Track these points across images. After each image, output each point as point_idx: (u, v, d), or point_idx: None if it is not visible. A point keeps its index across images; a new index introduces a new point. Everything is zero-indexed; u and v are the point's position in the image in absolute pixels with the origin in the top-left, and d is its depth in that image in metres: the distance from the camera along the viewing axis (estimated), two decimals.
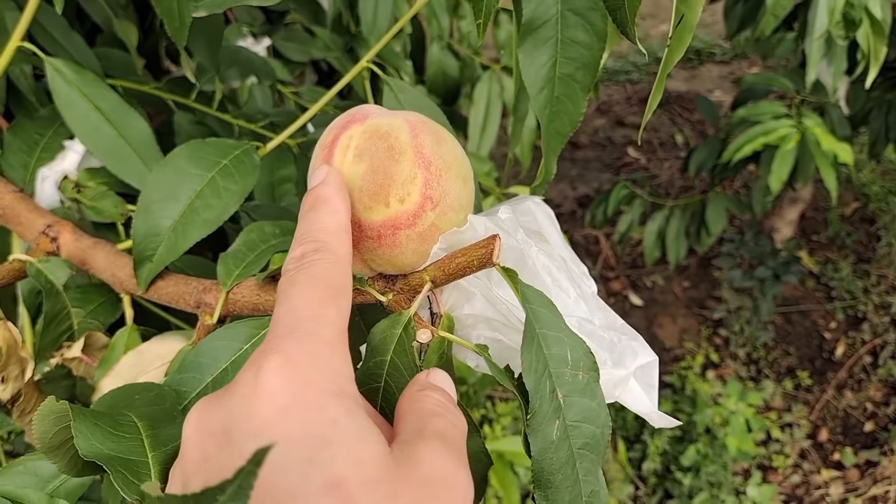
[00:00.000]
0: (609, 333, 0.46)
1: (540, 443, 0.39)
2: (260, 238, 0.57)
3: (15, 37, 0.71)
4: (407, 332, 0.42)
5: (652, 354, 0.46)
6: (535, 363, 0.39)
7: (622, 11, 0.47)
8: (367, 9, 1.30)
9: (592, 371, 0.41)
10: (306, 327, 0.34)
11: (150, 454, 0.35)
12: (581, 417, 0.40)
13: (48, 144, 0.77)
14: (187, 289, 0.57)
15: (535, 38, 0.52)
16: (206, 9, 0.58)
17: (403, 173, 0.41)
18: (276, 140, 0.65)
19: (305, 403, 0.31)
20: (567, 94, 0.53)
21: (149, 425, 0.37)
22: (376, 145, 0.42)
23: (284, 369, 0.31)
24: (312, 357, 0.33)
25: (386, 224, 0.42)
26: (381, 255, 0.43)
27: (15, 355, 0.63)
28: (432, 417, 0.36)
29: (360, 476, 0.29)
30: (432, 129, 0.44)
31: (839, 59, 1.80)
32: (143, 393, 0.42)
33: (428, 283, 0.43)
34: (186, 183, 0.58)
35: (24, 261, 0.63)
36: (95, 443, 0.34)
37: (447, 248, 0.43)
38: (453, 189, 0.43)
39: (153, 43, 1.18)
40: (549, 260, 0.46)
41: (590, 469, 0.41)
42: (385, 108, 0.46)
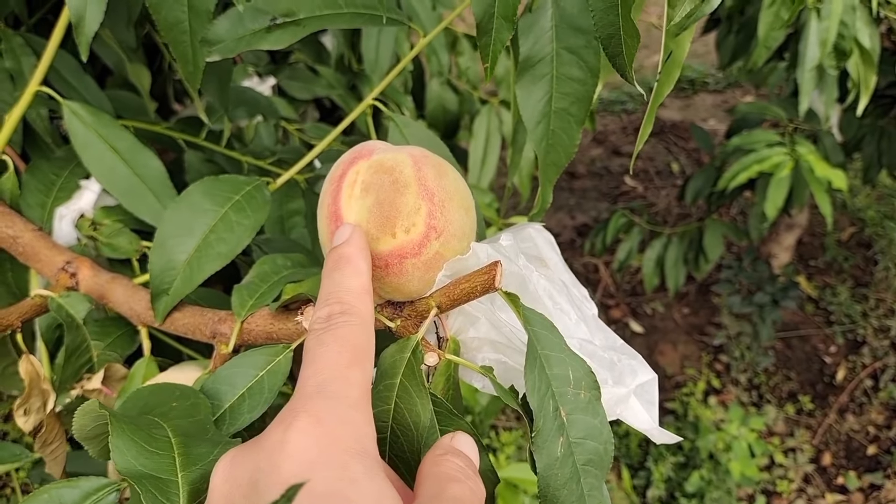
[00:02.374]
0: (609, 353, 0.48)
1: (545, 460, 0.41)
2: (272, 270, 0.60)
3: (34, 81, 0.75)
4: (415, 355, 0.44)
5: (651, 373, 0.48)
6: (538, 383, 0.41)
7: (621, 58, 0.49)
8: (370, 47, 1.34)
9: (594, 390, 0.43)
10: (333, 388, 0.36)
11: (181, 473, 0.37)
12: (584, 434, 0.42)
13: (65, 184, 0.80)
14: (203, 320, 0.59)
15: (531, 75, 0.55)
16: (219, 53, 0.61)
17: (408, 205, 0.44)
18: (285, 176, 0.68)
19: (329, 461, 0.32)
20: (562, 127, 0.56)
21: (182, 442, 0.39)
22: (382, 179, 0.44)
23: (312, 428, 0.33)
24: (338, 417, 0.34)
25: (393, 254, 0.44)
26: (389, 283, 0.45)
27: (37, 388, 0.65)
28: (451, 483, 0.36)
29: None
30: (435, 162, 0.46)
31: (831, 88, 1.84)
32: (181, 400, 0.44)
33: (434, 308, 0.45)
34: (201, 218, 0.61)
35: (45, 296, 0.65)
36: (130, 459, 0.37)
37: (451, 274, 0.45)
38: (456, 218, 0.45)
39: (161, 85, 1.21)
40: (550, 284, 0.49)
41: (594, 484, 0.42)
42: (389, 144, 0.49)
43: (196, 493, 0.38)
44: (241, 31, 0.60)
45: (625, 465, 2.48)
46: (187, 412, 0.44)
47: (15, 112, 0.75)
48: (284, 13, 0.61)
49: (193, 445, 0.39)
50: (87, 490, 0.50)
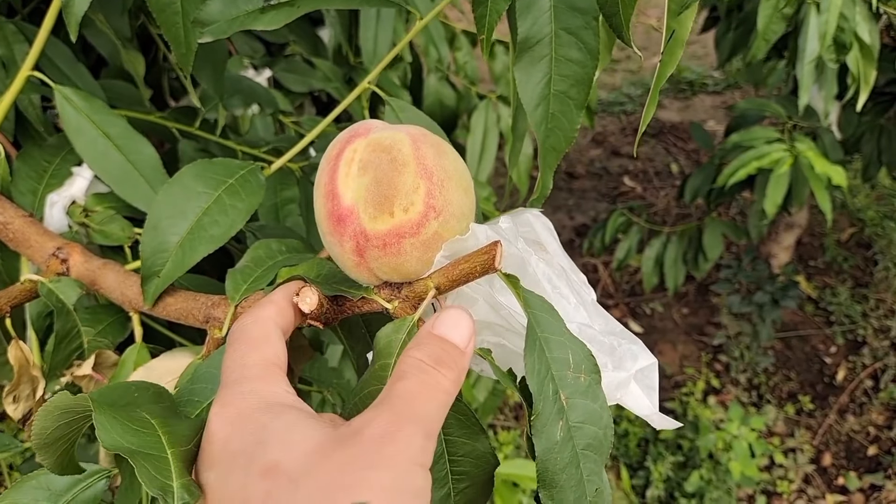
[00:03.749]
0: (609, 338, 0.47)
1: (544, 443, 0.40)
2: (267, 255, 0.58)
3: (25, 66, 0.74)
4: (411, 337, 0.43)
5: (651, 357, 0.47)
6: (537, 366, 0.41)
7: (617, 17, 0.49)
8: (368, 38, 1.33)
9: (594, 373, 0.42)
10: (233, 377, 0.40)
11: (170, 450, 0.36)
12: (584, 419, 0.41)
13: (56, 171, 0.79)
14: (196, 304, 0.58)
15: (530, 57, 0.54)
16: (211, 34, 0.59)
17: (406, 184, 0.43)
18: (280, 161, 0.67)
19: (241, 427, 0.37)
20: (562, 110, 0.55)
21: (163, 422, 0.38)
22: (380, 157, 0.43)
23: (222, 410, 0.38)
24: (239, 394, 0.38)
25: (391, 233, 0.43)
26: (387, 263, 0.44)
27: (27, 374, 0.64)
28: (396, 382, 0.37)
29: (291, 455, 0.34)
30: (433, 141, 0.45)
31: (830, 84, 1.84)
32: (141, 392, 0.43)
33: (432, 289, 0.44)
34: (194, 201, 0.60)
35: (35, 281, 0.64)
36: (116, 436, 0.35)
37: (450, 255, 0.44)
38: (455, 198, 0.44)
39: (156, 77, 1.20)
40: (549, 268, 0.48)
41: (593, 469, 0.41)
42: (387, 123, 0.48)
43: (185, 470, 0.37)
44: (234, 12, 0.59)
45: (624, 465, 2.47)
46: (153, 399, 0.43)
47: (6, 97, 0.74)
48: None
49: (174, 426, 0.38)
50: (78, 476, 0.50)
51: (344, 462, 0.33)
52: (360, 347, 0.53)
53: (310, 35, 1.38)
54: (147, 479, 0.34)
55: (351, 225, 0.44)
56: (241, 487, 0.34)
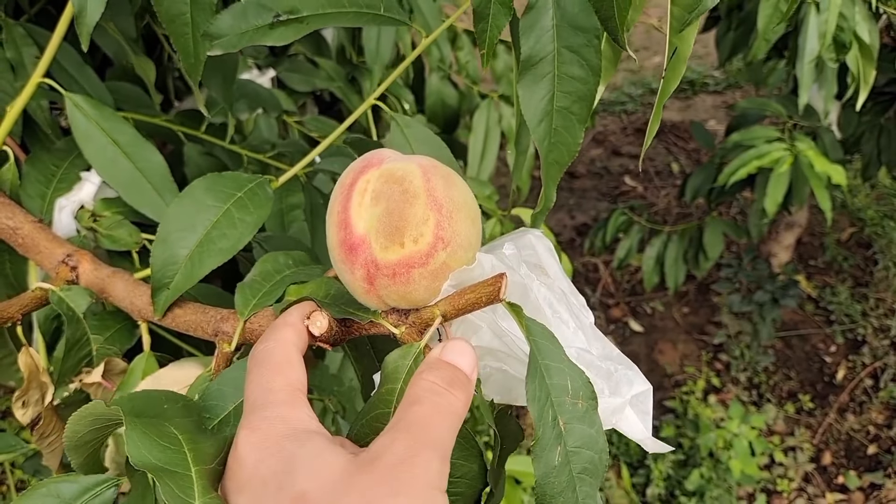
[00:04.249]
0: (606, 363, 0.49)
1: (543, 468, 0.42)
2: (274, 268, 0.60)
3: (36, 73, 0.74)
4: (417, 362, 0.45)
5: (646, 383, 0.49)
6: (538, 393, 0.42)
7: (612, 21, 0.49)
8: (371, 38, 1.34)
9: (591, 400, 0.44)
10: (260, 402, 0.41)
11: (194, 468, 0.38)
12: (581, 443, 0.43)
13: (65, 175, 0.80)
14: (205, 318, 0.59)
15: (533, 74, 0.55)
16: (221, 48, 0.60)
17: (417, 215, 0.44)
18: (288, 174, 0.68)
19: (269, 453, 0.38)
20: (564, 126, 0.56)
21: (190, 439, 0.39)
22: (392, 189, 0.45)
23: (249, 435, 0.39)
24: (266, 419, 0.40)
25: (401, 263, 0.44)
26: (395, 292, 0.45)
27: (36, 380, 0.65)
28: (411, 406, 0.39)
29: (318, 483, 0.35)
30: (443, 173, 0.47)
31: (830, 83, 1.84)
32: (171, 403, 0.44)
33: (439, 317, 0.46)
34: (203, 214, 0.61)
35: (46, 289, 0.65)
36: (145, 451, 0.37)
37: (457, 284, 0.46)
38: (463, 229, 0.46)
39: (161, 78, 1.21)
40: (550, 293, 0.49)
41: (588, 493, 0.43)
42: (398, 153, 0.49)
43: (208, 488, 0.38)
44: (243, 27, 0.60)
45: (624, 464, 2.48)
46: (182, 412, 0.44)
47: (17, 103, 0.75)
48: (288, 10, 0.61)
49: (200, 442, 0.39)
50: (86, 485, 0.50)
51: (366, 489, 0.34)
52: (365, 362, 0.54)
53: (313, 35, 1.39)
54: (170, 497, 0.36)
55: (362, 254, 0.45)
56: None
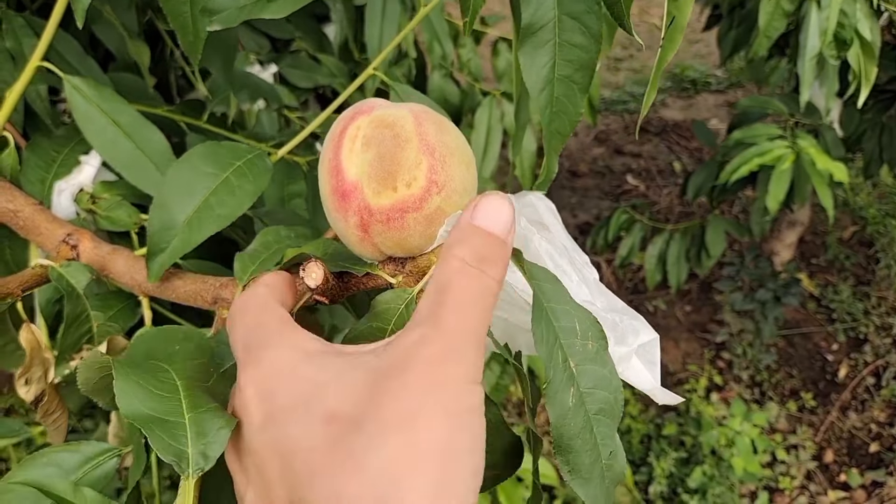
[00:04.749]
0: (611, 314, 0.48)
1: (557, 410, 0.41)
2: (275, 239, 0.59)
3: (35, 57, 0.74)
4: (408, 309, 0.44)
5: (653, 332, 0.48)
6: (546, 335, 0.41)
7: (618, 5, 0.49)
8: (373, 35, 1.34)
9: (601, 340, 0.43)
10: (252, 337, 0.39)
11: (188, 415, 0.37)
12: (594, 384, 0.42)
13: (65, 160, 0.80)
14: (205, 286, 0.59)
15: (534, 42, 0.55)
16: (220, 23, 0.60)
17: (409, 159, 0.44)
18: (287, 147, 0.68)
19: (283, 380, 0.36)
20: (566, 94, 0.56)
21: (187, 385, 0.39)
22: (383, 134, 0.44)
23: (255, 370, 0.37)
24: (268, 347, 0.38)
25: (394, 208, 0.44)
26: (391, 238, 0.45)
27: (38, 357, 0.65)
28: (440, 295, 0.36)
29: (347, 399, 0.33)
30: (435, 118, 0.46)
31: (831, 81, 1.84)
32: (184, 343, 0.44)
33: (435, 263, 0.45)
34: (202, 180, 0.60)
35: (45, 266, 0.65)
36: (137, 402, 0.36)
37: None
38: (457, 174, 0.45)
39: (163, 73, 1.21)
40: (552, 247, 0.48)
41: (606, 433, 0.42)
42: (390, 102, 0.49)
43: (203, 433, 0.37)
44: (242, 0, 0.60)
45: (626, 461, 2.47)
46: (191, 354, 0.44)
47: (16, 88, 0.75)
48: None
49: (198, 389, 0.39)
50: (88, 455, 0.50)
51: (396, 394, 0.33)
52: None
53: (315, 31, 1.39)
54: (161, 448, 0.35)
55: (355, 200, 0.44)
56: (304, 435, 0.33)
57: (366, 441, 0.32)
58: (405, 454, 0.31)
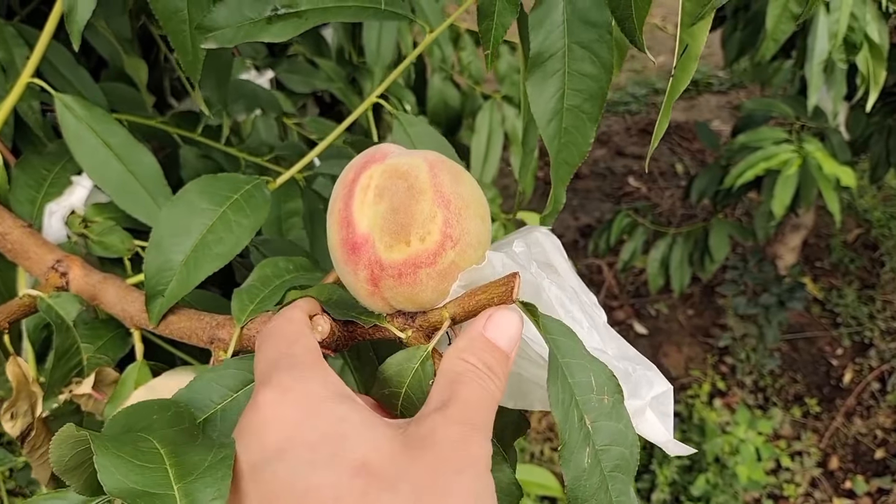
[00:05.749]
0: (623, 363, 0.46)
1: (573, 472, 0.40)
2: (274, 273, 0.57)
3: (25, 73, 0.72)
4: (424, 367, 0.42)
5: (666, 384, 0.46)
6: (561, 395, 0.40)
7: (630, 21, 0.47)
8: (371, 39, 1.31)
9: (617, 394, 0.41)
10: (284, 362, 0.38)
11: (177, 486, 0.35)
12: (610, 441, 0.41)
13: (56, 180, 0.78)
14: (200, 324, 0.57)
15: (542, 71, 0.52)
16: (216, 42, 0.58)
17: (424, 212, 0.42)
18: (286, 175, 0.66)
19: (312, 413, 0.35)
20: (575, 125, 0.54)
21: (172, 452, 0.36)
22: (396, 185, 0.42)
23: (281, 395, 0.36)
24: (300, 378, 0.37)
25: (407, 263, 0.42)
26: (402, 293, 0.43)
27: (25, 391, 0.63)
28: (456, 386, 0.37)
29: (379, 454, 0.33)
30: (450, 168, 0.44)
31: (839, 84, 1.82)
32: (161, 412, 0.42)
33: (448, 319, 0.43)
34: (198, 218, 0.58)
35: (34, 296, 0.63)
36: (120, 477, 0.34)
37: (466, 285, 0.43)
38: (472, 227, 0.43)
39: (157, 79, 1.19)
40: (562, 292, 0.47)
41: (622, 490, 0.41)
42: (402, 148, 0.46)
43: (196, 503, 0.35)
44: (239, 20, 0.57)
45: None
46: (170, 422, 0.41)
47: (6, 104, 0.73)
48: (286, 4, 0.58)
49: (185, 454, 0.36)
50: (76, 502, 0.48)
51: (432, 466, 0.33)
52: (367, 371, 0.52)
53: (312, 35, 1.37)
54: None
55: (366, 254, 0.42)
56: (330, 481, 0.32)
57: (404, 501, 0.32)
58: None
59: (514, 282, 0.40)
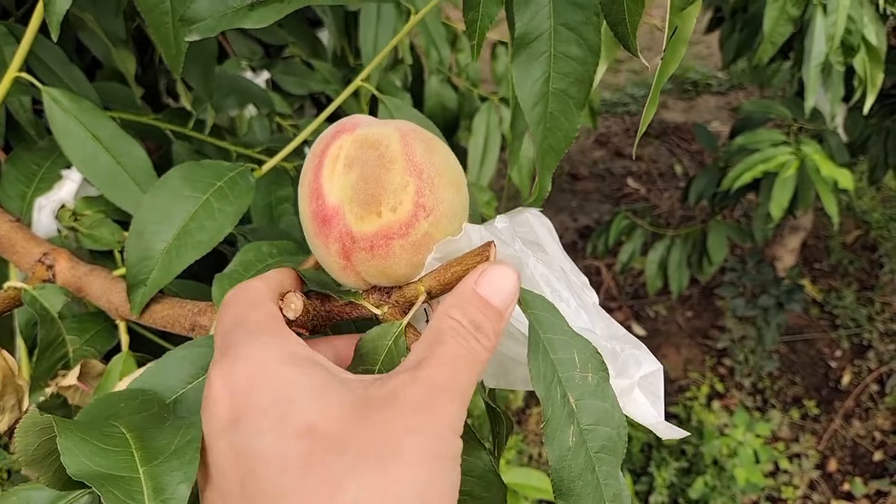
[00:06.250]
0: (611, 343, 0.45)
1: (557, 450, 0.38)
2: (257, 258, 0.57)
3: (12, 67, 0.72)
4: (397, 343, 0.41)
5: (656, 363, 0.45)
6: (543, 370, 0.39)
7: (623, 25, 0.46)
8: (368, 40, 1.31)
9: (602, 371, 0.40)
10: (239, 329, 0.37)
11: (142, 469, 0.34)
12: (595, 420, 0.39)
13: (46, 175, 0.77)
14: (182, 312, 0.56)
15: (528, 53, 0.52)
16: (199, 33, 0.57)
17: (395, 182, 0.41)
18: (272, 162, 0.65)
19: (263, 379, 0.34)
20: (561, 109, 0.53)
21: (138, 436, 0.36)
22: (366, 154, 0.41)
23: (232, 364, 0.35)
24: (253, 345, 0.36)
25: (378, 234, 0.41)
26: (375, 267, 0.42)
27: (11, 384, 0.62)
28: (434, 346, 0.36)
29: (328, 416, 0.32)
30: (424, 136, 0.43)
31: (836, 86, 1.82)
32: (128, 401, 0.41)
33: (423, 294, 0.42)
34: (180, 205, 0.58)
35: (19, 288, 0.62)
36: (84, 459, 0.33)
37: (442, 257, 0.42)
38: (446, 197, 0.42)
39: (152, 79, 1.18)
40: (548, 270, 0.46)
41: (610, 472, 0.40)
42: (376, 119, 0.46)
43: (161, 488, 0.34)
44: (221, 9, 0.57)
45: (626, 471, 2.44)
46: (138, 408, 0.40)
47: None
48: None
49: (151, 438, 0.36)
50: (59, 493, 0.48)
51: (381, 425, 0.32)
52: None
53: (309, 37, 1.36)
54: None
55: (336, 226, 0.41)
56: (276, 446, 0.32)
57: (348, 464, 0.31)
58: (385, 487, 0.30)
59: (489, 251, 0.39)
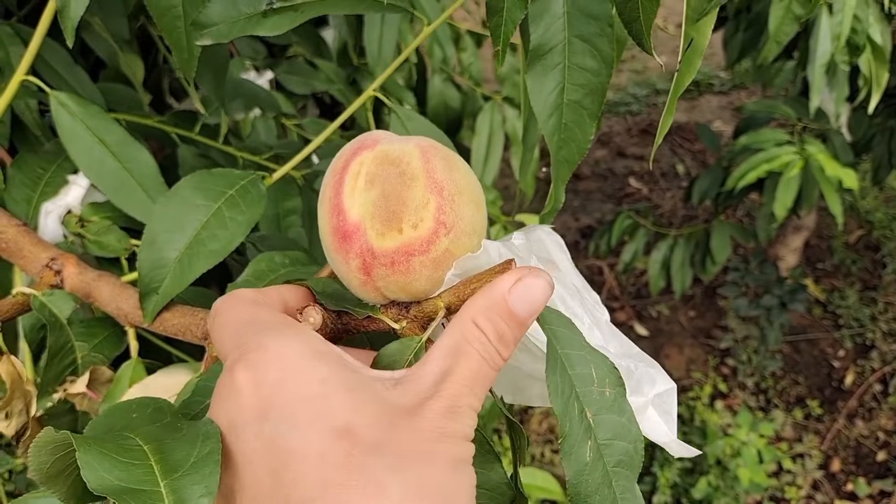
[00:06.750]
0: (625, 361, 0.45)
1: (574, 466, 0.39)
2: (269, 268, 0.56)
3: (19, 71, 0.71)
4: (417, 358, 0.41)
5: (670, 382, 0.45)
6: (561, 385, 0.39)
7: (637, 23, 0.46)
8: (372, 39, 1.31)
9: (619, 386, 0.40)
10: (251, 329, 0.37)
11: (163, 482, 0.34)
12: (612, 435, 0.40)
13: (52, 179, 0.77)
14: (194, 320, 0.56)
15: (542, 65, 0.52)
16: (211, 38, 0.57)
17: (416, 199, 0.41)
18: (282, 170, 0.65)
19: (291, 372, 0.34)
20: (575, 120, 0.53)
21: (156, 448, 0.35)
22: (387, 171, 0.41)
23: (257, 356, 0.35)
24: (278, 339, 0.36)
25: (399, 251, 0.41)
26: (395, 282, 0.42)
27: (19, 390, 0.62)
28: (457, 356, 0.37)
29: (364, 419, 0.33)
30: (444, 154, 0.43)
31: (841, 86, 1.81)
32: (140, 409, 0.41)
33: (442, 309, 0.42)
34: (192, 214, 0.58)
35: (27, 294, 0.62)
36: (104, 473, 0.33)
37: (461, 273, 0.42)
38: (466, 214, 0.42)
39: (157, 79, 1.18)
40: (562, 288, 0.46)
41: (626, 486, 0.40)
42: (394, 134, 0.45)
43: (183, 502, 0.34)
44: (234, 15, 0.57)
45: None
46: (152, 418, 0.40)
47: (1, 102, 0.72)
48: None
49: (169, 450, 0.35)
50: None
51: (413, 431, 0.34)
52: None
53: (313, 36, 1.36)
54: None
55: (357, 242, 0.41)
56: (314, 443, 0.32)
57: (387, 466, 0.32)
58: (423, 486, 0.32)
59: (509, 268, 0.39)
